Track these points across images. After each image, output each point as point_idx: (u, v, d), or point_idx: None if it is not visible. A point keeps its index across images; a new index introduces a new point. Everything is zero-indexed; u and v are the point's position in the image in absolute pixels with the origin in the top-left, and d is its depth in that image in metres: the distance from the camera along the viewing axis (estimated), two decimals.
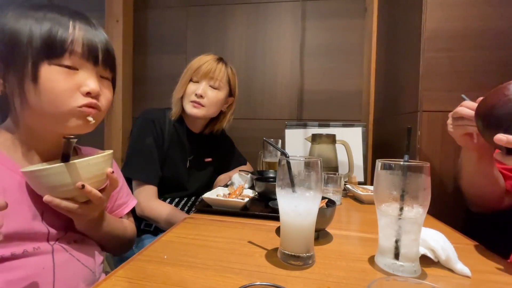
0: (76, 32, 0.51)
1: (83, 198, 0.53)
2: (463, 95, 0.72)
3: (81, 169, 0.50)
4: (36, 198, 0.52)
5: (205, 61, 1.04)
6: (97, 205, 0.55)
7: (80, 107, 0.52)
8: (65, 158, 0.50)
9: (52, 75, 0.49)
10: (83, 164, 0.50)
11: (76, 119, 0.53)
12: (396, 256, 0.47)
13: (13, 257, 0.48)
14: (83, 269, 0.57)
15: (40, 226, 0.52)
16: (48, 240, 0.53)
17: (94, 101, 0.54)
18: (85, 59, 0.52)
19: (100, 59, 0.54)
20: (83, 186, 0.50)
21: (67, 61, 0.50)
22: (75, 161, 0.49)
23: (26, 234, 0.50)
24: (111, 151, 0.57)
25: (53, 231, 0.54)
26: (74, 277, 0.55)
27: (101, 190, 0.54)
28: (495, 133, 0.53)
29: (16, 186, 0.52)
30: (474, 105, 0.65)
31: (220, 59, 1.08)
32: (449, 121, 0.76)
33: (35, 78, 0.48)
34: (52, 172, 0.48)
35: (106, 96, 0.57)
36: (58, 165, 0.48)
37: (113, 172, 0.55)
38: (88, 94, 0.53)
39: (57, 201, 0.50)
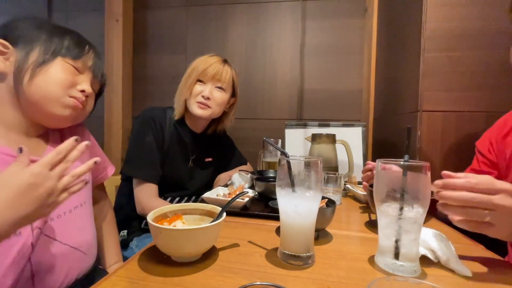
0: (91, 52, 0.67)
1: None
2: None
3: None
4: None
5: (211, 63, 1.04)
6: None
7: (72, 97, 0.62)
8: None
9: (57, 67, 0.60)
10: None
11: (61, 108, 0.61)
12: (396, 256, 0.47)
13: None
14: (61, 247, 0.58)
15: None
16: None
17: (83, 98, 0.64)
18: (90, 70, 0.66)
19: (99, 75, 0.69)
20: None
21: (77, 64, 0.63)
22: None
23: None
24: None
25: None
26: (53, 258, 0.56)
27: None
28: None
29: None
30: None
31: (225, 61, 1.09)
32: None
33: (47, 64, 0.59)
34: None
35: (90, 103, 0.69)
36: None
37: None
38: (82, 91, 0.63)
39: None
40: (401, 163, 0.47)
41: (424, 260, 0.50)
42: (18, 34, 0.59)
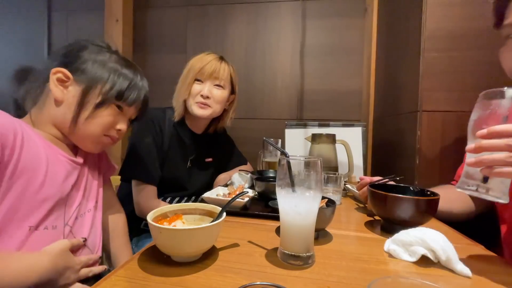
0: (142, 93, 0.68)
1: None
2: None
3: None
4: (67, 174, 0.61)
5: (208, 61, 1.03)
6: None
7: (107, 136, 0.66)
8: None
9: (109, 111, 0.64)
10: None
11: (94, 144, 0.65)
12: (485, 179, 0.45)
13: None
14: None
15: (67, 189, 0.61)
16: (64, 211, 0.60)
17: (117, 136, 0.68)
18: (135, 108, 0.69)
19: (140, 111, 0.72)
20: None
21: (126, 108, 0.67)
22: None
23: (59, 199, 0.58)
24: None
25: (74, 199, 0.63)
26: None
27: None
28: None
29: (55, 160, 0.59)
30: None
31: (222, 58, 1.08)
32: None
33: (103, 108, 0.62)
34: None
35: (122, 133, 0.70)
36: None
37: None
38: (119, 131, 0.67)
39: None
40: (505, 89, 0.44)
41: (424, 260, 0.50)
42: (80, 66, 0.61)
